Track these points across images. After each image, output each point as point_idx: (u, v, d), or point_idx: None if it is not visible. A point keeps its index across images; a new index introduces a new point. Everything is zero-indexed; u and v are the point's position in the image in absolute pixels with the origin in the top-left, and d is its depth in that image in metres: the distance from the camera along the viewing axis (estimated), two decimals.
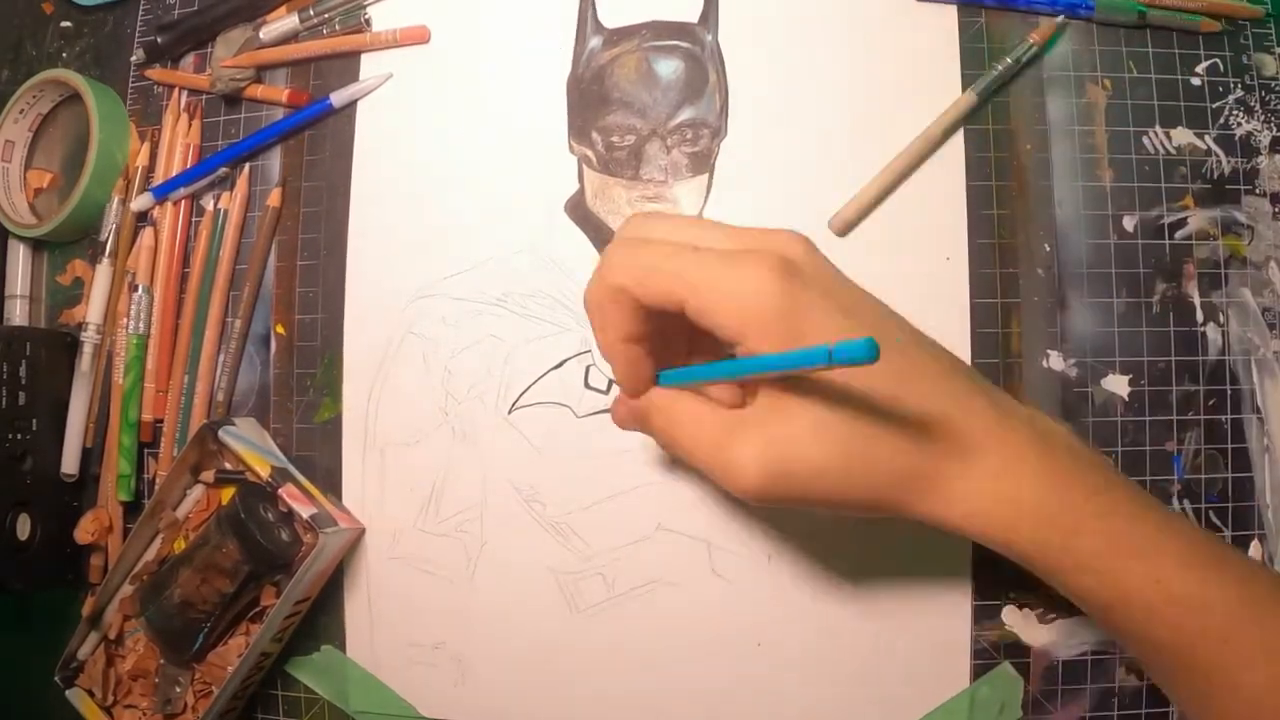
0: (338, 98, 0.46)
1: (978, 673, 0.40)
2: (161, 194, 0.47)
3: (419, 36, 0.46)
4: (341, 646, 0.44)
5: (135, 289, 0.47)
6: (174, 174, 0.48)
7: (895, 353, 0.31)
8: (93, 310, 0.47)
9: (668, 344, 0.34)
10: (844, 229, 0.42)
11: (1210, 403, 0.41)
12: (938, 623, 0.40)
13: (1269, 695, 0.29)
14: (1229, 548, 0.32)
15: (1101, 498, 0.31)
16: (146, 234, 0.47)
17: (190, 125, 0.48)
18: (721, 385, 0.32)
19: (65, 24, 0.52)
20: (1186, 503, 0.40)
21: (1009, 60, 0.42)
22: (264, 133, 0.47)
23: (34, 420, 0.45)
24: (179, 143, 0.48)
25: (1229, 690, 0.30)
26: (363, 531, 0.44)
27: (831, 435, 0.30)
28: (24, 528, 0.45)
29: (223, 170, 0.47)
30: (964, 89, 0.42)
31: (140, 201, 0.47)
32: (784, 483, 0.30)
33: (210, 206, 0.47)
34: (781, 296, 0.29)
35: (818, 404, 0.30)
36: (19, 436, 0.45)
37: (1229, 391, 0.41)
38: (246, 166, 0.47)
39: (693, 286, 0.30)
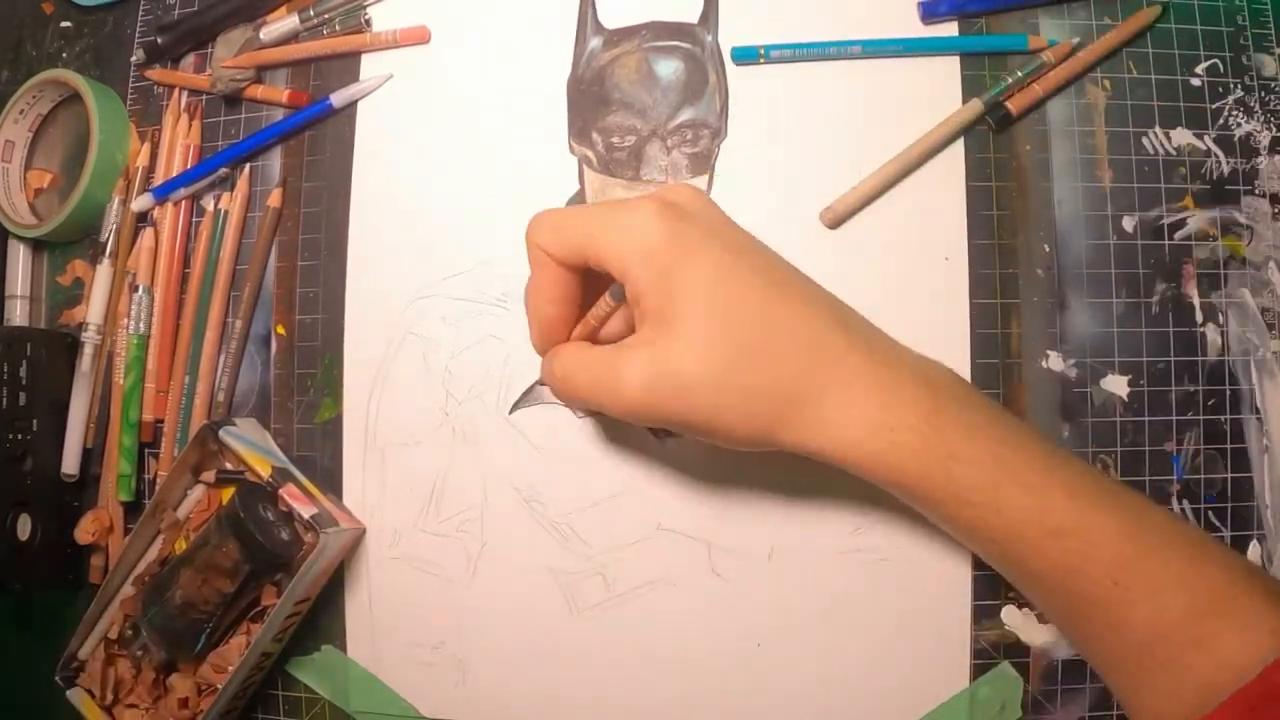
0: (338, 98, 0.46)
1: (977, 672, 0.40)
2: (162, 194, 0.47)
3: (419, 37, 0.46)
4: (342, 646, 0.44)
5: (135, 289, 0.47)
6: (174, 174, 0.48)
7: (777, 286, 0.33)
8: (93, 310, 0.47)
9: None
10: (835, 222, 0.42)
11: (1209, 403, 0.41)
12: (938, 622, 0.40)
13: (1155, 634, 0.29)
14: (1122, 486, 0.32)
15: (983, 434, 0.31)
16: (146, 234, 0.47)
17: (190, 126, 0.48)
18: (615, 318, 0.35)
19: (65, 24, 0.52)
20: (1186, 503, 0.41)
21: (1019, 74, 0.42)
22: (264, 133, 0.47)
23: (34, 420, 0.46)
24: (179, 143, 0.48)
25: (1114, 628, 0.30)
26: (363, 531, 0.44)
27: (714, 351, 0.31)
28: (24, 528, 0.45)
29: (223, 171, 0.47)
30: (964, 90, 0.42)
31: (140, 202, 0.47)
32: (665, 395, 0.32)
33: (210, 207, 0.47)
34: (663, 229, 0.32)
35: (700, 325, 0.31)
36: (19, 437, 0.45)
37: (1228, 392, 0.41)
38: (247, 167, 0.47)
39: (589, 233, 0.33)
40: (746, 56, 0.43)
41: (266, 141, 0.47)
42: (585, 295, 0.36)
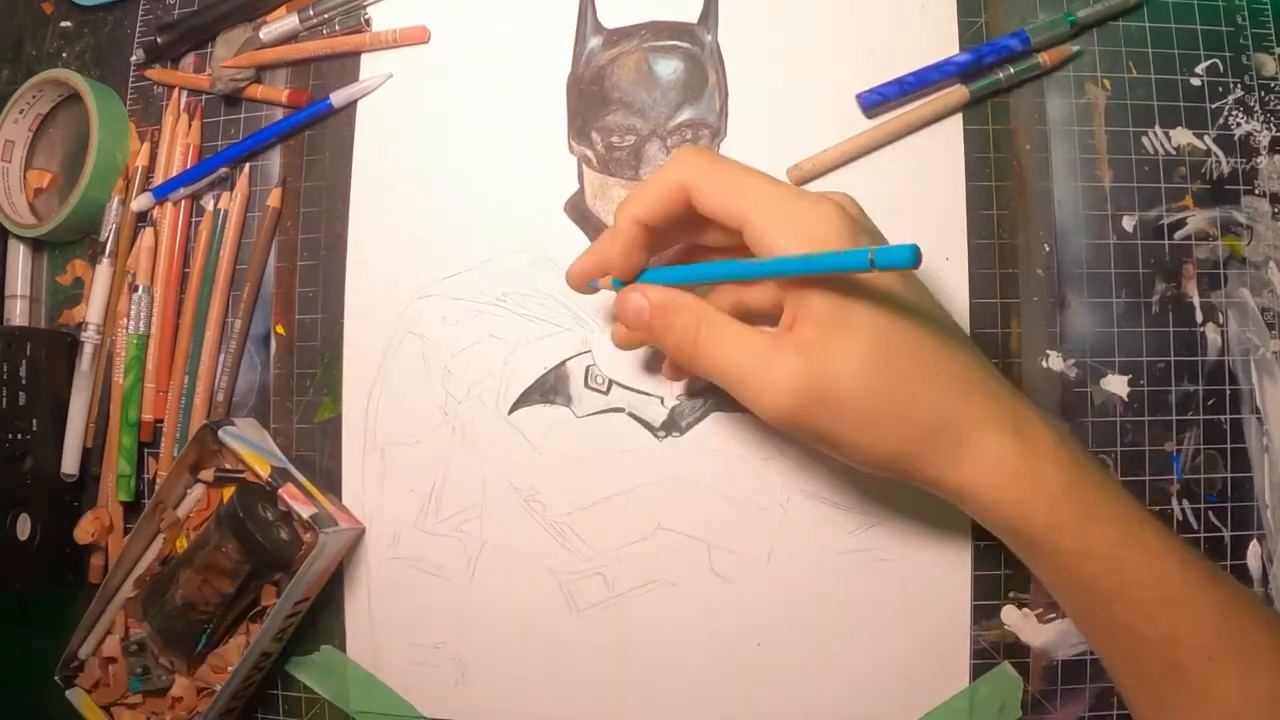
0: (337, 98, 0.46)
1: (977, 672, 0.40)
2: (162, 194, 0.47)
3: (419, 37, 0.46)
4: (341, 646, 0.44)
5: (135, 289, 0.47)
6: (174, 174, 0.47)
7: (935, 324, 0.32)
8: (93, 310, 0.47)
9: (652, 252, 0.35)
10: (801, 180, 0.42)
11: (1209, 403, 0.41)
12: (937, 622, 0.40)
13: (1239, 711, 0.30)
14: (1214, 565, 0.33)
15: (1111, 491, 0.31)
16: (146, 234, 0.47)
17: (190, 125, 0.48)
18: (763, 291, 0.33)
19: (65, 24, 0.52)
20: (1185, 503, 0.41)
21: (1011, 70, 0.42)
22: (264, 133, 0.47)
23: (34, 420, 0.45)
24: (179, 143, 0.48)
25: (1200, 699, 0.30)
26: (363, 531, 0.44)
27: (876, 374, 0.30)
28: (24, 528, 0.45)
29: (223, 170, 0.47)
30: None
31: (140, 202, 0.47)
32: (817, 410, 0.31)
33: (210, 207, 0.47)
34: (847, 232, 0.30)
35: (868, 341, 0.30)
36: (19, 436, 0.45)
37: (1228, 391, 0.41)
38: (247, 166, 0.47)
39: (761, 208, 0.31)
40: None
41: (266, 141, 0.47)
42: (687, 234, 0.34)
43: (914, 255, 0.25)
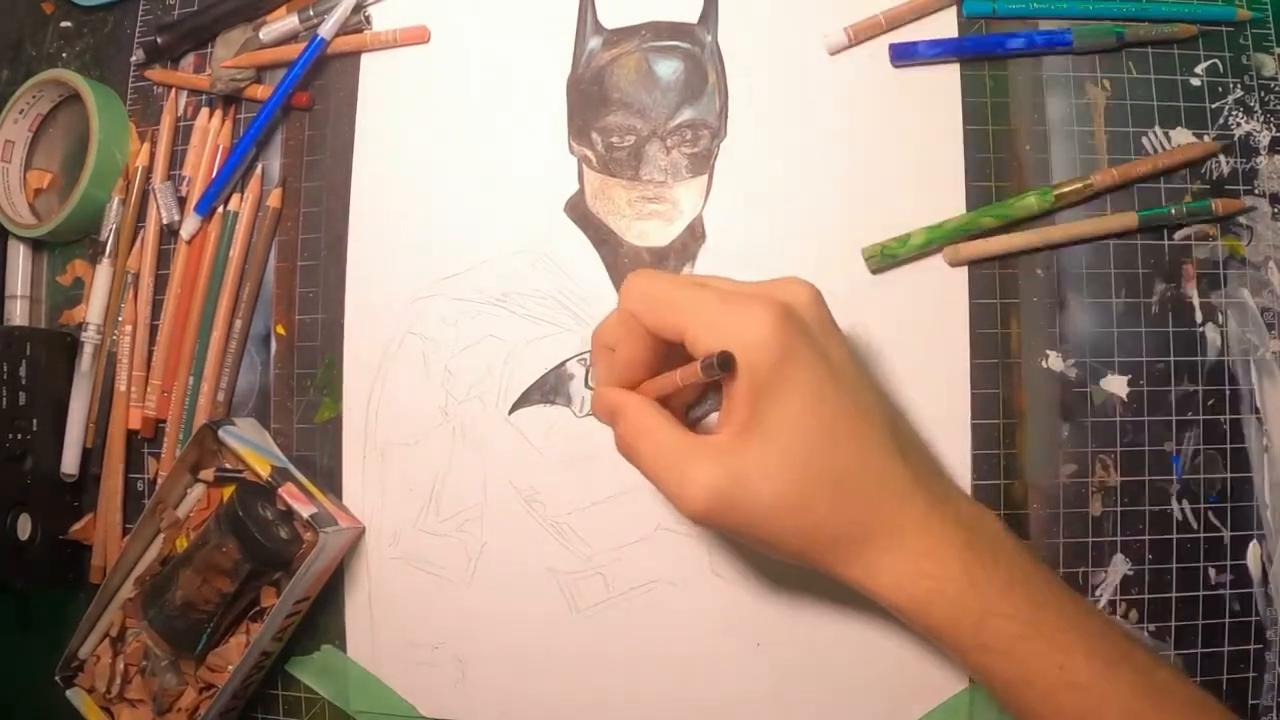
0: (326, 30, 0.45)
1: None
2: (204, 209, 0.47)
3: (419, 36, 0.46)
4: (342, 646, 0.44)
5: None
6: (203, 176, 0.47)
7: (863, 418, 0.33)
8: (93, 310, 0.47)
9: (661, 366, 0.36)
10: (956, 261, 0.41)
11: (1209, 403, 0.41)
12: None
13: None
14: (1135, 640, 0.33)
15: (1017, 589, 0.32)
16: (180, 247, 0.47)
17: (223, 124, 0.48)
18: (687, 374, 0.33)
19: (65, 24, 0.52)
20: (1185, 503, 0.41)
21: (1185, 208, 0.41)
22: (270, 104, 0.46)
23: (34, 420, 0.46)
24: (208, 144, 0.47)
25: None
26: (363, 531, 0.44)
27: (788, 479, 0.31)
28: (24, 528, 0.45)
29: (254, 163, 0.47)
30: (963, 93, 0.42)
31: (188, 227, 0.47)
32: (728, 513, 0.32)
33: (219, 209, 0.47)
34: (774, 342, 0.31)
35: (782, 451, 0.31)
36: (19, 436, 0.45)
37: (1228, 392, 0.41)
38: (260, 167, 0.47)
39: (693, 321, 0.32)
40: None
41: (274, 108, 0.46)
42: (661, 348, 0.35)
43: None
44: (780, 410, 0.31)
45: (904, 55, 0.42)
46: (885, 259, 0.41)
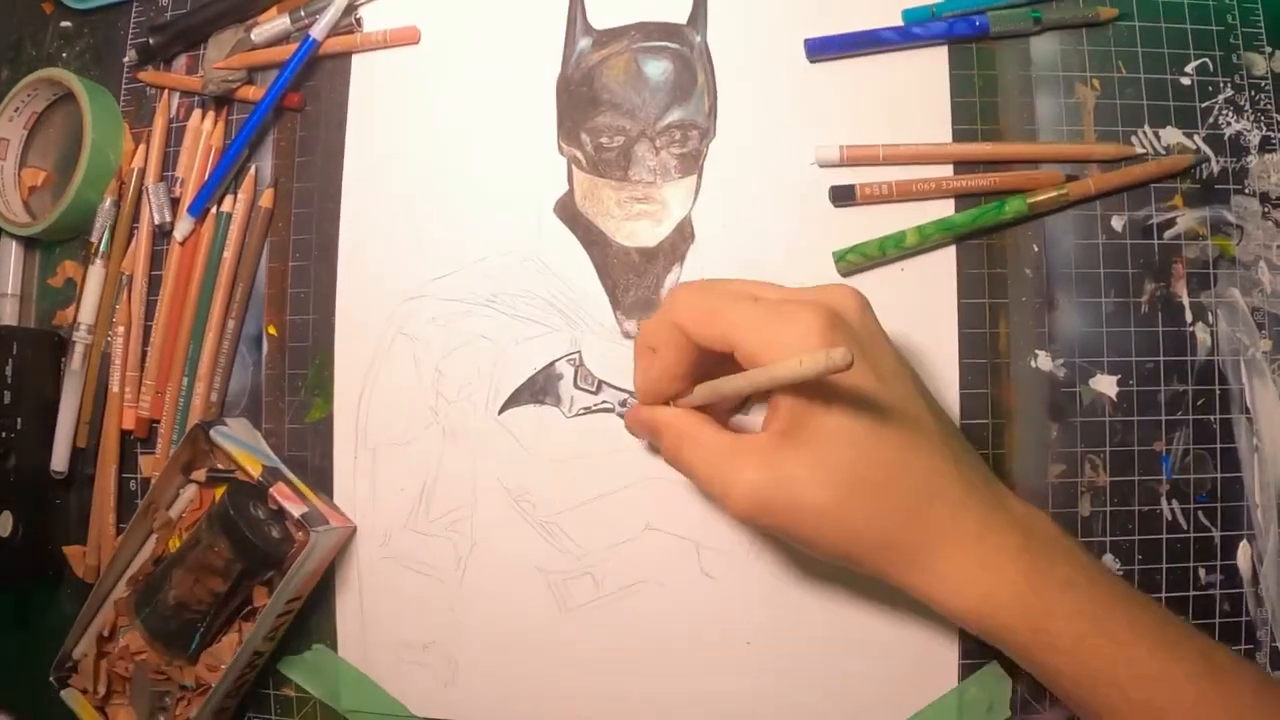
0: (318, 31, 0.45)
1: (966, 672, 0.40)
2: (197, 210, 0.47)
3: (409, 37, 0.46)
4: (333, 646, 0.44)
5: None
6: (196, 177, 0.47)
7: (910, 425, 0.32)
8: (84, 311, 0.48)
9: (701, 376, 0.36)
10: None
11: (1199, 403, 0.41)
12: (926, 622, 0.40)
13: None
14: (1189, 625, 0.33)
15: (1078, 588, 0.32)
16: (174, 247, 0.47)
17: (215, 125, 0.48)
18: (735, 386, 0.33)
19: (65, 24, 0.52)
20: (1175, 503, 0.41)
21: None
22: (263, 105, 0.46)
23: (18, 419, 0.46)
24: (200, 145, 0.48)
25: None
26: (354, 530, 0.44)
27: (832, 483, 0.31)
28: (5, 524, 0.45)
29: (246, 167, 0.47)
30: (951, 86, 0.42)
31: (182, 228, 0.47)
32: (773, 514, 0.32)
33: (212, 210, 0.47)
34: (822, 343, 0.30)
35: (829, 455, 0.31)
36: (3, 434, 0.45)
37: (1218, 391, 0.41)
38: (253, 168, 0.47)
39: (744, 332, 0.32)
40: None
41: (266, 109, 0.46)
42: (701, 357, 0.35)
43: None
44: (827, 416, 0.31)
45: (818, 50, 0.43)
46: (849, 265, 0.42)
